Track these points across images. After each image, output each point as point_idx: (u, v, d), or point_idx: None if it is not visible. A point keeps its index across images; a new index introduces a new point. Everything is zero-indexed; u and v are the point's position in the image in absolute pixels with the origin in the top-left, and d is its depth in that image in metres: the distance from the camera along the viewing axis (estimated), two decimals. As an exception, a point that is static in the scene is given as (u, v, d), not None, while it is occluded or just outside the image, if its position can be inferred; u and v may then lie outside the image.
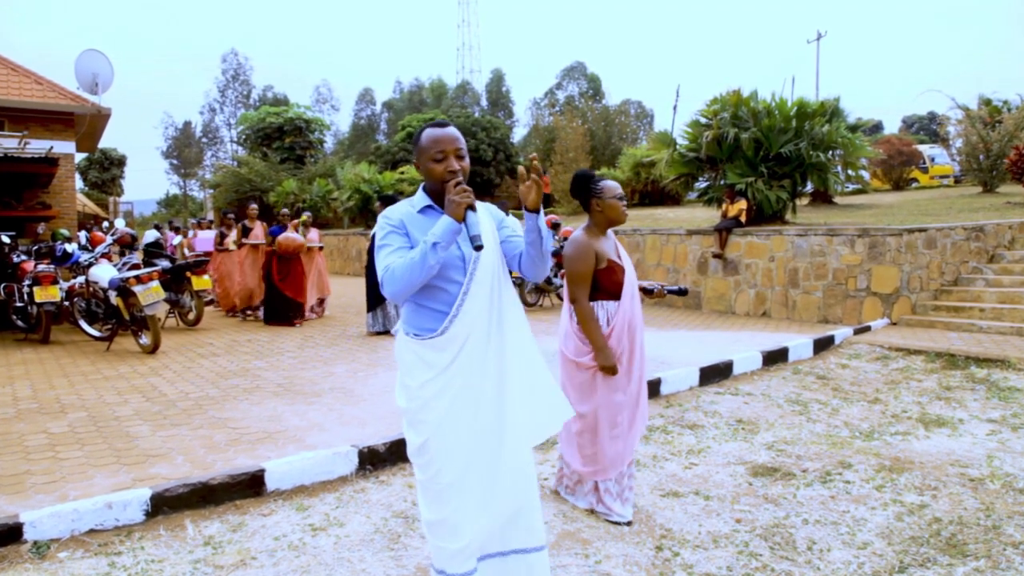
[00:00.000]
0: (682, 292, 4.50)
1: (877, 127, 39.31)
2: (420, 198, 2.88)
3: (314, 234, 13.01)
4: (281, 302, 11.78)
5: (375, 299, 10.61)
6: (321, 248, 13.26)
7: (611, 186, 4.11)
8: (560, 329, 4.34)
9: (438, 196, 2.82)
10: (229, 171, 37.20)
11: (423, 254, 2.60)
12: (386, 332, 10.57)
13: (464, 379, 2.77)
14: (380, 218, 2.84)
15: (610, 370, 4.03)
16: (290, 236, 11.61)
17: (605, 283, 4.09)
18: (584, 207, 4.19)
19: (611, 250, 4.13)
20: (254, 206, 13.37)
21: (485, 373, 2.79)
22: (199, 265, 11.53)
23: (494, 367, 2.81)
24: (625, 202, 4.11)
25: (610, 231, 4.23)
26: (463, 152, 2.78)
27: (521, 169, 2.64)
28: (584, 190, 4.15)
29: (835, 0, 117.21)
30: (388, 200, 10.84)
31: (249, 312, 12.85)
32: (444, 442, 2.78)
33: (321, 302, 13.14)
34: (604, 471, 4.13)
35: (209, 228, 18.15)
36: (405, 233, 2.78)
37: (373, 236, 10.59)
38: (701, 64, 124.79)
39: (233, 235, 13.22)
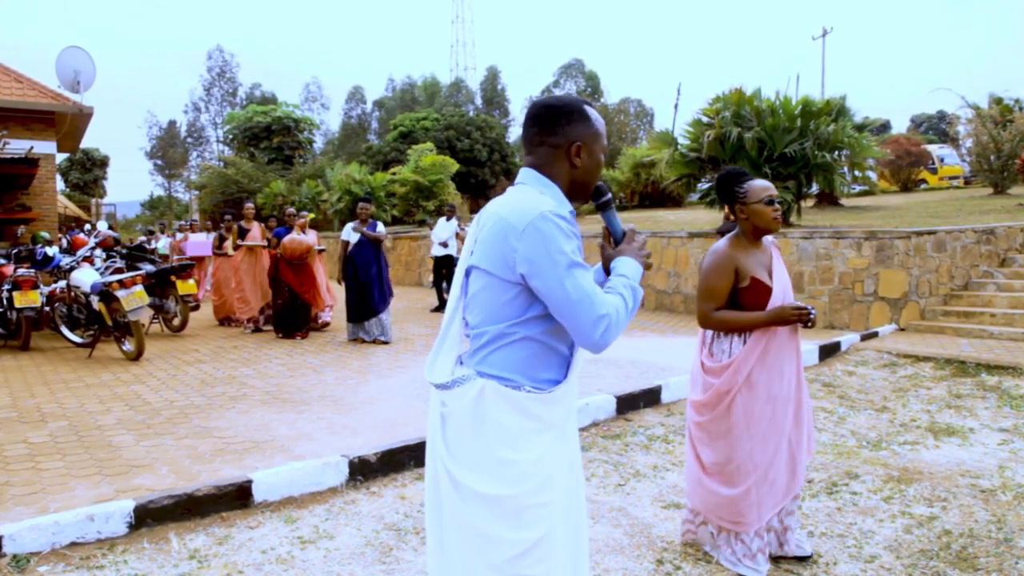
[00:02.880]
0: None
1: (884, 126, 39.40)
2: (562, 200, 2.24)
3: (312, 236, 12.05)
4: (295, 311, 11.03)
5: (363, 309, 10.16)
6: (322, 251, 12.34)
7: (757, 188, 3.59)
8: (691, 376, 3.94)
9: (571, 195, 2.28)
10: (215, 172, 37.24)
11: (636, 301, 2.18)
12: (374, 341, 10.28)
13: (570, 435, 2.30)
14: (556, 218, 2.09)
15: (785, 316, 3.49)
16: (295, 238, 10.80)
17: (747, 304, 3.61)
18: (731, 211, 3.71)
19: (760, 265, 3.63)
20: (250, 205, 12.72)
21: (575, 432, 2.38)
22: (184, 269, 11.51)
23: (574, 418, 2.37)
24: (777, 205, 3.57)
25: (768, 240, 3.72)
26: None
27: None
28: (727, 193, 3.68)
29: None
30: (367, 202, 10.43)
31: (250, 323, 11.99)
32: (561, 533, 2.22)
33: (328, 310, 12.33)
34: (741, 523, 3.65)
35: (193, 230, 18.06)
36: None
37: (359, 243, 10.12)
38: (703, 61, 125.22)
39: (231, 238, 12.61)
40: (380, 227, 10.40)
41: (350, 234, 10.28)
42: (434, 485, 2.30)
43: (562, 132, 2.22)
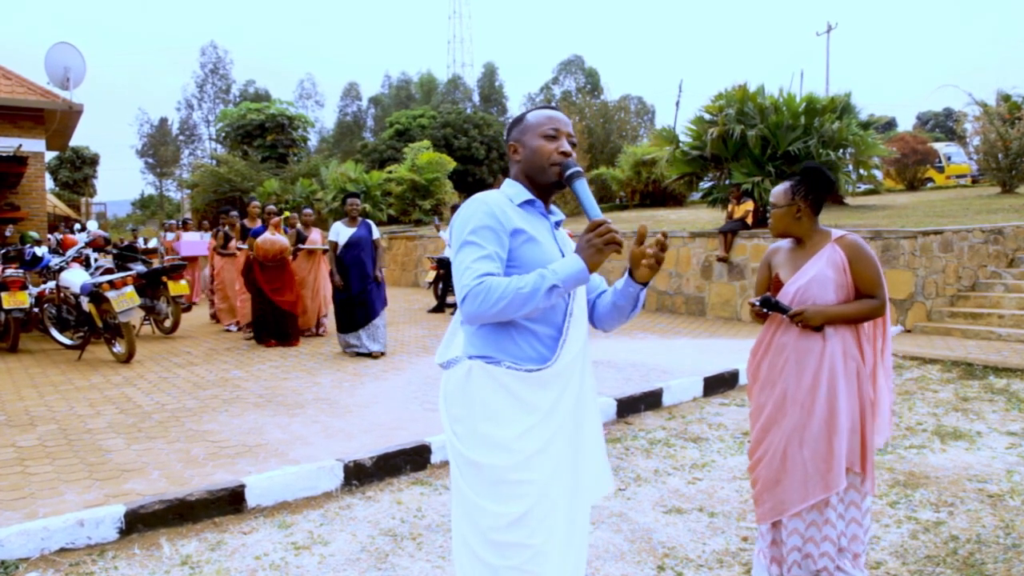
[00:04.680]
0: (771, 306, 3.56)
1: (890, 124, 39.46)
2: (518, 190, 2.46)
3: (316, 235, 11.52)
4: (274, 316, 10.41)
5: (355, 316, 9.38)
6: (326, 251, 11.36)
7: (772, 192, 3.63)
8: None
9: (537, 186, 2.47)
10: (207, 170, 37.16)
11: (539, 292, 2.17)
12: (370, 355, 9.46)
13: (560, 424, 2.36)
14: (474, 203, 2.35)
15: (752, 311, 3.58)
16: (269, 238, 10.18)
17: None
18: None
19: (793, 262, 3.57)
20: (256, 203, 12.16)
21: (576, 418, 2.42)
22: (176, 269, 11.49)
23: (576, 411, 2.43)
24: (773, 210, 3.57)
25: (833, 236, 3.51)
26: (575, 141, 2.50)
27: (644, 233, 2.35)
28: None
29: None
30: (355, 198, 9.71)
31: (250, 328, 11.25)
32: (546, 515, 2.31)
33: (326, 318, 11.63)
34: (757, 514, 3.65)
35: (186, 229, 17.98)
36: (504, 233, 2.32)
37: (348, 243, 9.30)
38: (705, 58, 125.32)
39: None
40: (374, 228, 9.68)
41: (338, 233, 9.48)
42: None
43: (507, 143, 2.57)
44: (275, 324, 10.46)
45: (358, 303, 9.37)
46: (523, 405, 2.30)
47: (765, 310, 3.49)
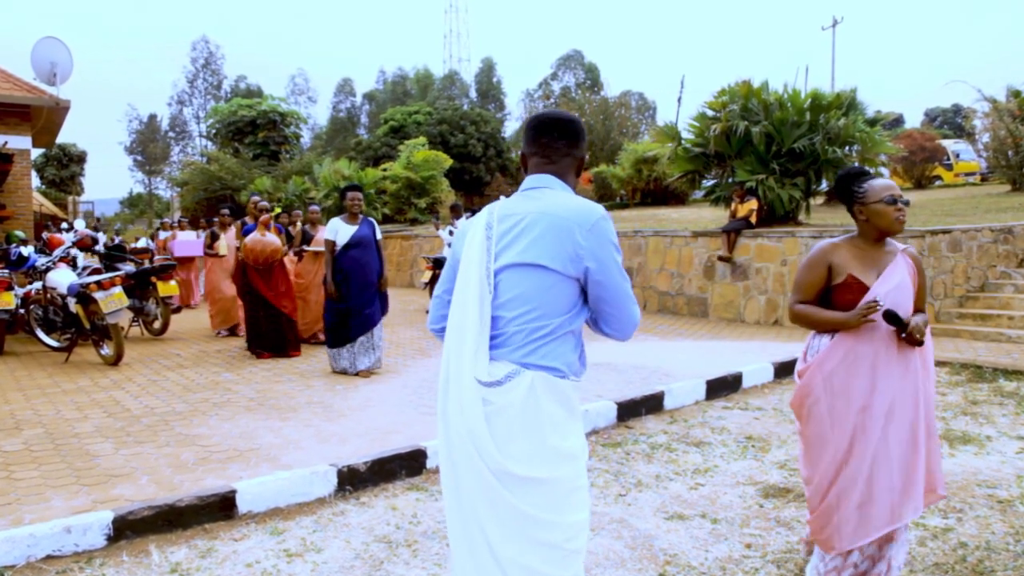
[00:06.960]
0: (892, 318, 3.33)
1: (898, 121, 39.53)
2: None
3: (323, 233, 9.96)
4: (269, 324, 9.62)
5: (349, 327, 8.38)
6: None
7: (878, 188, 3.43)
8: None
9: None
10: (198, 168, 37.18)
11: None
12: (358, 374, 8.44)
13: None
14: (610, 220, 2.46)
15: (862, 315, 3.31)
16: (259, 239, 9.39)
17: (838, 302, 3.46)
18: (849, 212, 3.57)
19: (869, 265, 3.45)
20: (256, 197, 11.16)
21: None
22: (165, 270, 11.46)
23: None
24: (900, 205, 3.40)
25: (898, 247, 3.50)
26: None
27: None
28: (845, 193, 3.55)
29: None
30: (358, 191, 8.76)
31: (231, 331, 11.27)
32: None
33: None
34: (825, 542, 3.46)
35: (181, 228, 17.94)
36: None
37: (348, 243, 8.28)
38: (707, 53, 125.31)
39: (231, 235, 11.80)
40: (376, 227, 8.70)
41: (336, 231, 8.40)
42: (463, 488, 2.39)
43: (580, 148, 2.57)
44: (271, 333, 9.64)
45: (355, 314, 8.32)
46: (574, 410, 2.45)
47: (888, 323, 3.29)
